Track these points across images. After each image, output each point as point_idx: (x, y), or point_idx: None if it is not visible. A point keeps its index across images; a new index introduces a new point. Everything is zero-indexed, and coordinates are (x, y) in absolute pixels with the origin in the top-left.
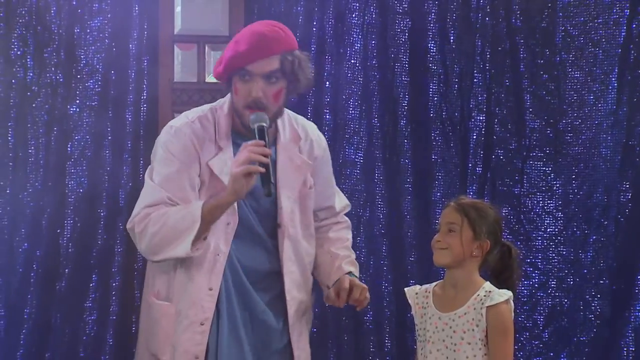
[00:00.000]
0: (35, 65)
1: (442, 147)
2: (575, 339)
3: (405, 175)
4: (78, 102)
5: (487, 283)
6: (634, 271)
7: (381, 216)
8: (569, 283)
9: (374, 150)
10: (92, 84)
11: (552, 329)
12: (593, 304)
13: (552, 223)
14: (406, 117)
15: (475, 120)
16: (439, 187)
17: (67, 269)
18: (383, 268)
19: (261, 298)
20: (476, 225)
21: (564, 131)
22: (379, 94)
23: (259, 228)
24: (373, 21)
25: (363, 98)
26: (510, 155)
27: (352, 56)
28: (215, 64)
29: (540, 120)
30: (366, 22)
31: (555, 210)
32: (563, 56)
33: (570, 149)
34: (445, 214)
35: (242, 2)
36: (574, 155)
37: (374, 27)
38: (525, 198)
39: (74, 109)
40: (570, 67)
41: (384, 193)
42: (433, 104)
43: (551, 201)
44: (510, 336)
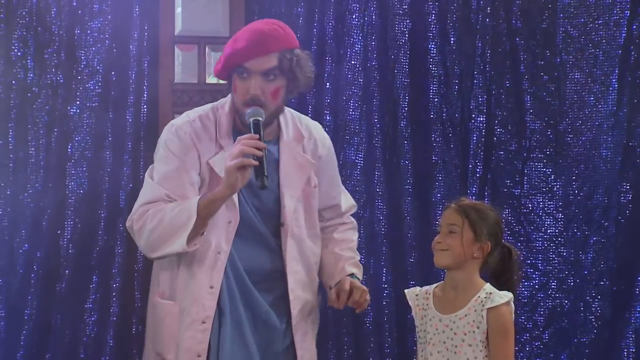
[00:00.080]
0: (35, 66)
1: (442, 148)
2: (575, 340)
3: (405, 176)
4: (78, 103)
5: (487, 285)
6: (635, 272)
7: (381, 217)
8: (569, 284)
9: (374, 151)
10: (92, 85)
11: (552, 330)
12: (593, 305)
13: (553, 224)
14: (406, 118)
15: (476, 121)
16: (439, 188)
17: (67, 270)
18: (383, 269)
19: (264, 299)
20: (477, 226)
21: (564, 132)
22: (379, 95)
23: (262, 227)
24: (373, 22)
25: (363, 99)
26: (511, 156)
27: (353, 57)
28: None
29: (540, 122)
30: (366, 23)
31: (555, 212)
32: (563, 57)
33: (571, 150)
34: (445, 216)
35: (243, 3)
36: (575, 157)
37: (374, 28)
38: (525, 199)
39: (74, 110)
40: (570, 68)
41: (384, 194)
42: (433, 105)
43: (551, 202)
44: (511, 338)
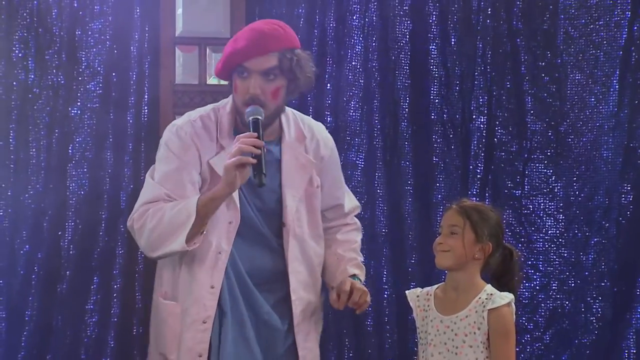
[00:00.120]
0: (36, 67)
1: (443, 149)
2: (576, 341)
3: (406, 177)
4: (79, 104)
5: (488, 286)
6: (635, 273)
7: (382, 218)
8: (570, 285)
9: (374, 152)
10: (93, 86)
11: (553, 331)
12: (594, 306)
13: (553, 225)
14: (407, 119)
15: (477, 122)
16: (440, 189)
17: (68, 271)
18: (384, 270)
19: (266, 300)
20: (478, 227)
21: (565, 133)
22: (379, 96)
23: (263, 227)
24: (374, 23)
25: (364, 100)
26: (512, 157)
27: (353, 58)
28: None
29: (541, 123)
30: (367, 24)
31: (556, 213)
32: (564, 58)
33: (572, 151)
34: (447, 217)
35: (244, 4)
36: (575, 158)
37: (374, 29)
38: (526, 200)
39: (75, 111)
40: (571, 69)
41: (384, 195)
42: (434, 106)
43: (552, 203)
44: (512, 339)
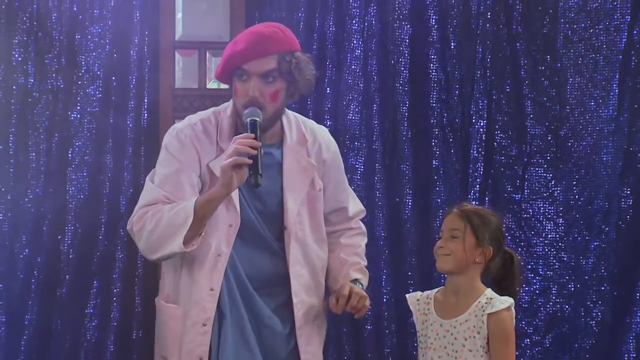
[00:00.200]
0: (36, 72)
1: (442, 154)
2: (576, 345)
3: (405, 181)
4: (79, 108)
5: (488, 290)
6: (635, 277)
7: (381, 222)
8: (569, 289)
9: (374, 156)
10: (93, 90)
11: (553, 335)
12: (594, 310)
13: (553, 229)
14: (407, 123)
15: (476, 126)
16: (440, 193)
17: (68, 275)
18: (383, 274)
19: (267, 304)
20: (479, 232)
21: (564, 137)
22: (379, 100)
23: (264, 230)
24: (373, 27)
25: (363, 104)
26: (511, 161)
27: (353, 62)
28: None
29: (541, 127)
30: (366, 28)
31: (556, 217)
32: (564, 62)
33: (571, 155)
34: (448, 221)
35: (243, 8)
36: (575, 162)
37: (374, 33)
38: (526, 204)
39: (74, 115)
40: (571, 74)
41: (384, 199)
42: (433, 110)
43: (552, 207)
44: (512, 343)
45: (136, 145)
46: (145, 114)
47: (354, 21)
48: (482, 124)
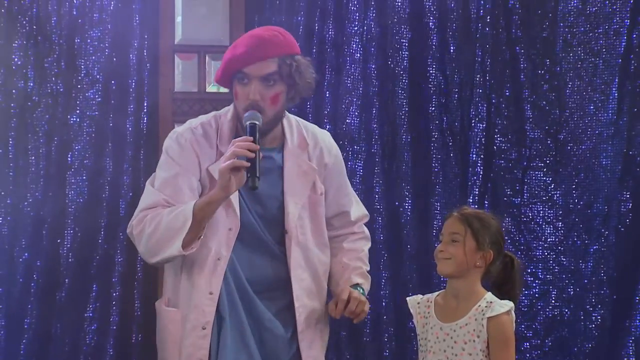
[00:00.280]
0: (35, 75)
1: (442, 157)
2: (575, 349)
3: (404, 185)
4: (78, 112)
5: (488, 294)
6: (635, 281)
7: (380, 226)
8: (569, 293)
9: (373, 159)
10: (92, 93)
11: (552, 339)
12: (593, 314)
13: (553, 233)
14: (406, 127)
15: (475, 130)
16: (439, 197)
17: (67, 279)
18: (382, 278)
19: (268, 308)
20: (479, 235)
21: (564, 141)
22: (378, 104)
23: (264, 234)
24: (373, 31)
25: (362, 107)
26: (511, 165)
27: (352, 66)
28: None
29: (540, 130)
30: (366, 32)
31: (555, 220)
32: (563, 66)
33: (571, 159)
34: (448, 224)
35: (243, 12)
36: (575, 165)
37: (373, 37)
38: (525, 208)
39: (74, 119)
40: (570, 77)
41: (383, 202)
42: (433, 114)
43: (551, 211)
44: (512, 347)
45: (136, 148)
46: (145, 118)
47: (353, 25)
48: (481, 128)
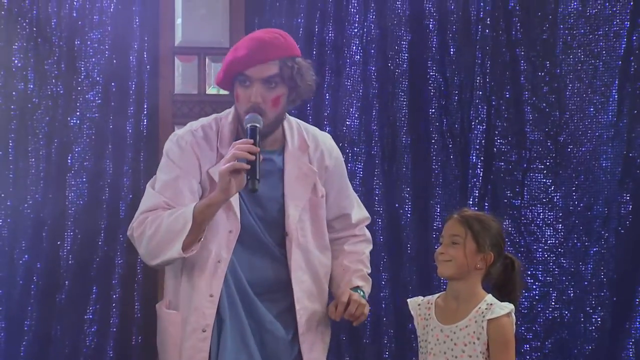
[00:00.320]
0: (35, 77)
1: (441, 159)
2: (575, 351)
3: (404, 187)
4: (78, 113)
5: (489, 296)
6: (635, 283)
7: (380, 227)
8: (569, 295)
9: (373, 161)
10: (92, 95)
11: (552, 341)
12: (593, 316)
13: (553, 235)
14: (406, 129)
15: (475, 132)
16: (439, 199)
17: (67, 281)
18: (382, 280)
19: (269, 310)
20: (480, 237)
21: (564, 143)
22: (378, 106)
23: (265, 236)
24: (373, 33)
25: (362, 109)
26: (511, 167)
27: (352, 68)
28: (215, 75)
29: (540, 132)
30: (366, 34)
31: (555, 222)
32: (563, 68)
33: (571, 161)
34: (448, 226)
35: (243, 14)
36: (575, 167)
37: (373, 39)
38: (525, 210)
39: (74, 121)
40: (570, 79)
41: (383, 204)
42: (433, 116)
43: (551, 213)
44: (512, 349)
45: (136, 150)
46: (145, 120)
47: (353, 27)
48: (481, 130)
